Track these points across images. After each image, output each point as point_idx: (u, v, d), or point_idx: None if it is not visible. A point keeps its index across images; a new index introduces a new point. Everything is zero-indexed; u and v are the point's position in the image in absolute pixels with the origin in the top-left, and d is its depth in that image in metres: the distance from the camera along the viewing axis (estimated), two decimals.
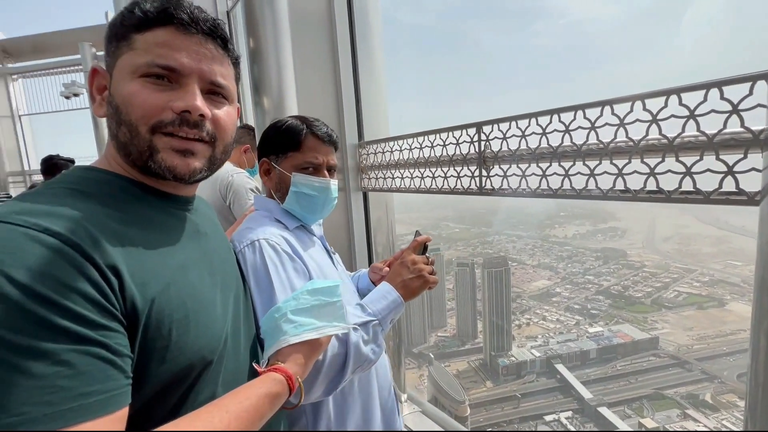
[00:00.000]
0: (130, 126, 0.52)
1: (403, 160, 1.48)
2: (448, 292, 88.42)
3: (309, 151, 0.91)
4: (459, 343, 76.70)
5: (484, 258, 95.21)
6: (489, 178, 1.14)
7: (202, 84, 0.55)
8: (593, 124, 0.87)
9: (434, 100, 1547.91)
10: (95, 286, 0.42)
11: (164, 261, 0.53)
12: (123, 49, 0.53)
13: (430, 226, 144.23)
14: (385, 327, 0.86)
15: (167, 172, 0.54)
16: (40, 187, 0.51)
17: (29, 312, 0.38)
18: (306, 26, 1.68)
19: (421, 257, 0.92)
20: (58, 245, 0.41)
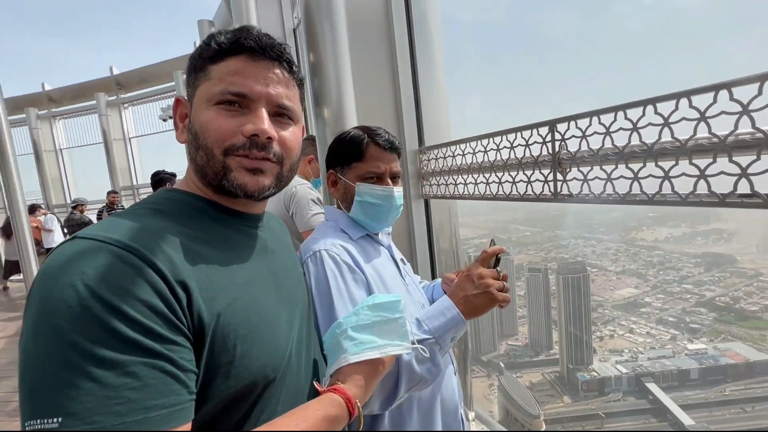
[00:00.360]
0: (206, 150, 0.57)
1: (466, 165, 1.39)
2: (519, 299, 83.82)
3: (371, 161, 0.92)
4: (532, 354, 72.09)
5: (558, 263, 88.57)
6: (566, 182, 1.01)
7: (270, 107, 0.59)
8: (703, 114, 0.71)
9: (503, 102, 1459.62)
10: (165, 301, 0.45)
11: (231, 277, 0.55)
12: (201, 79, 0.58)
13: (498, 230, 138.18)
14: (444, 346, 0.79)
15: (239, 189, 0.58)
16: (128, 208, 0.57)
17: (104, 322, 0.40)
18: (364, 35, 1.68)
19: (490, 271, 0.82)
20: (134, 261, 0.45)
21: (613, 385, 57.89)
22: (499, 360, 68.84)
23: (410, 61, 1.72)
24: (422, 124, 1.74)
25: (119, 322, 0.41)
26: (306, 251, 0.86)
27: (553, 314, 74.97)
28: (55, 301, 0.41)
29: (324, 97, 1.56)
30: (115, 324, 0.41)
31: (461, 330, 0.80)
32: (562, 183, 1.02)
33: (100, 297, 0.41)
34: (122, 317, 0.41)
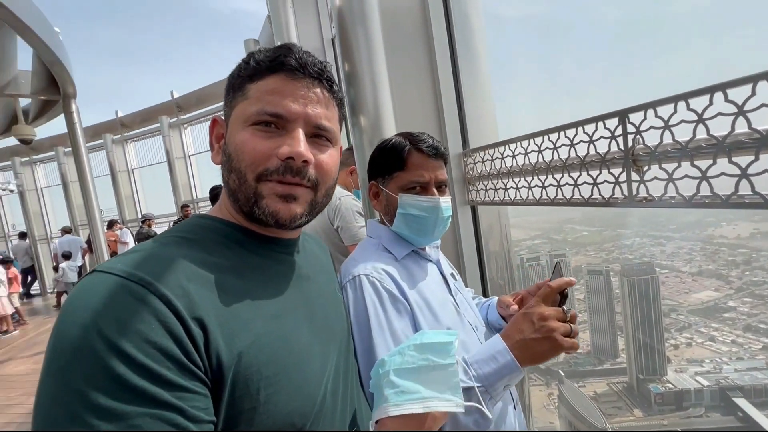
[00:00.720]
0: (239, 173, 0.54)
1: (517, 167, 1.25)
2: (579, 303, 78.65)
3: (414, 169, 0.84)
4: (595, 362, 67.07)
5: (622, 265, 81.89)
6: (644, 183, 0.84)
7: (308, 128, 0.56)
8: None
9: (556, 98, 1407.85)
10: (178, 342, 0.41)
11: (258, 309, 0.51)
12: (238, 99, 0.56)
13: (552, 230, 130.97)
14: (496, 395, 0.67)
15: (270, 217, 0.55)
16: (156, 237, 0.54)
17: (109, 368, 0.38)
18: (400, 37, 1.60)
19: (554, 310, 0.67)
20: (147, 297, 0.42)
21: (693, 398, 51.98)
22: (558, 368, 64.83)
23: (450, 60, 1.61)
24: (466, 125, 1.62)
25: (126, 367, 0.38)
26: (346, 274, 0.79)
27: (617, 320, 69.22)
28: (64, 341, 0.39)
29: (360, 104, 1.50)
30: (121, 370, 0.38)
31: (516, 378, 0.68)
32: (638, 184, 0.85)
33: (108, 339, 0.38)
34: (129, 362, 0.38)
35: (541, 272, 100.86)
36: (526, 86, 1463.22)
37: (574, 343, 0.66)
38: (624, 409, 55.96)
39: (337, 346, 0.63)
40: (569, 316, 0.68)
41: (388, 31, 1.53)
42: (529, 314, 0.69)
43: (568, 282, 0.70)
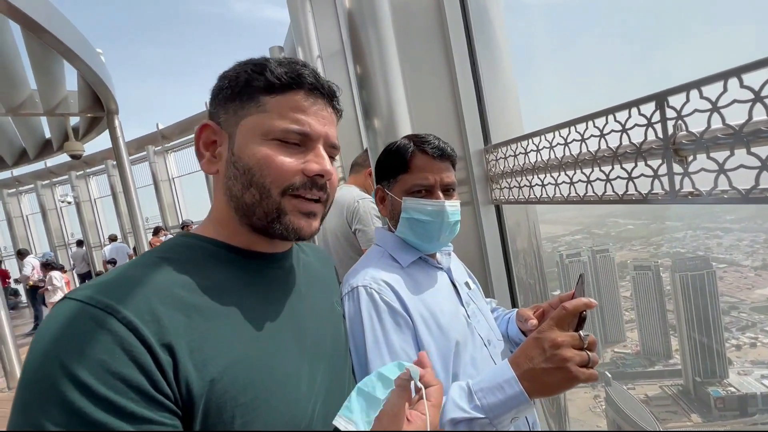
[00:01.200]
0: (262, 188, 0.52)
1: (542, 163, 1.14)
2: (625, 300, 74.42)
3: (418, 171, 0.80)
4: (645, 363, 63.12)
5: (673, 259, 76.59)
6: (688, 175, 0.73)
7: (325, 147, 0.57)
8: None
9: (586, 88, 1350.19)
10: (144, 372, 0.39)
11: (238, 331, 0.49)
12: (251, 109, 0.54)
13: (594, 225, 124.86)
14: (502, 427, 0.60)
15: (293, 233, 0.55)
16: (135, 258, 0.52)
17: (68, 402, 0.36)
18: (413, 33, 1.53)
19: (569, 336, 0.59)
20: (111, 323, 0.40)
21: (760, 403, 47.60)
22: (604, 369, 61.56)
23: (468, 51, 1.52)
24: (486, 119, 1.52)
25: (85, 400, 0.36)
26: (345, 286, 0.75)
27: (669, 318, 64.68)
28: (25, 372, 0.38)
29: (373, 106, 1.45)
30: (80, 403, 0.36)
31: (525, 411, 0.60)
32: (682, 177, 0.74)
33: (67, 370, 0.37)
34: (88, 394, 0.37)
35: (583, 268, 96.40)
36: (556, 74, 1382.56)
37: (592, 374, 0.57)
38: (680, 413, 52.24)
39: (329, 365, 0.59)
40: (587, 342, 0.59)
41: (400, 28, 1.47)
42: (540, 340, 0.60)
43: (587, 304, 0.61)
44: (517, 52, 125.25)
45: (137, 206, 6.05)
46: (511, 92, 1.62)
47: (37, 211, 12.47)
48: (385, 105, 1.44)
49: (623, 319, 72.00)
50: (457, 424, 0.60)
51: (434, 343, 0.71)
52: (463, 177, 1.53)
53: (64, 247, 12.61)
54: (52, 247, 12.26)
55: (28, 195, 12.93)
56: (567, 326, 0.60)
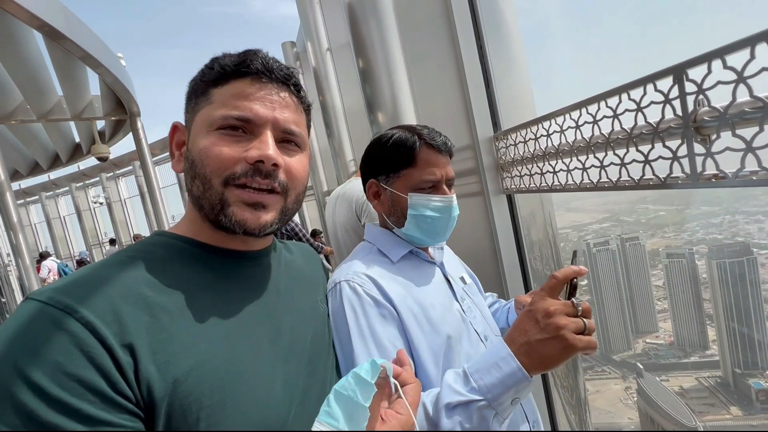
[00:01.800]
0: (203, 179, 0.51)
1: (553, 148, 1.07)
2: (657, 289, 71.66)
3: (426, 166, 0.76)
4: (680, 354, 60.75)
5: (709, 246, 72.89)
6: (711, 156, 0.65)
7: (276, 132, 0.54)
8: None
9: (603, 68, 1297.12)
10: (102, 373, 0.38)
11: (205, 331, 0.47)
12: (202, 104, 0.54)
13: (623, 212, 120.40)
14: (502, 411, 0.56)
15: (237, 226, 0.52)
16: (108, 256, 0.51)
17: (19, 403, 0.35)
18: (416, 21, 1.48)
19: (561, 304, 0.56)
20: (68, 323, 0.39)
21: None
22: (635, 360, 59.63)
23: (475, 35, 1.45)
24: (496, 105, 1.45)
25: (39, 401, 0.35)
26: (330, 282, 0.73)
27: (706, 307, 61.76)
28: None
29: (377, 99, 1.40)
30: (33, 405, 0.35)
31: (525, 390, 0.56)
32: (704, 158, 0.66)
33: (20, 371, 0.36)
34: (43, 396, 0.36)
35: (611, 257, 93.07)
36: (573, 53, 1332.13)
37: (590, 341, 0.54)
38: (718, 406, 50.13)
39: (309, 365, 0.57)
40: (580, 309, 0.56)
41: (403, 15, 1.41)
42: (533, 311, 0.57)
43: (577, 271, 0.58)
44: (527, 30, 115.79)
45: (161, 205, 6.25)
46: (522, 74, 1.54)
47: (72, 212, 13.12)
48: (389, 97, 1.39)
49: (655, 309, 69.39)
50: (454, 408, 0.56)
51: (424, 337, 0.68)
52: (472, 166, 1.47)
53: (98, 245, 13.24)
54: (88, 246, 12.89)
55: (64, 197, 13.61)
56: (557, 295, 0.58)
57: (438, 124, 1.54)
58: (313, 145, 5.00)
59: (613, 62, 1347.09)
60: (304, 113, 0.60)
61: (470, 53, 1.44)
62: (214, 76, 0.53)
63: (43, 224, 13.87)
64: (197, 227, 0.55)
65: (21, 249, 4.94)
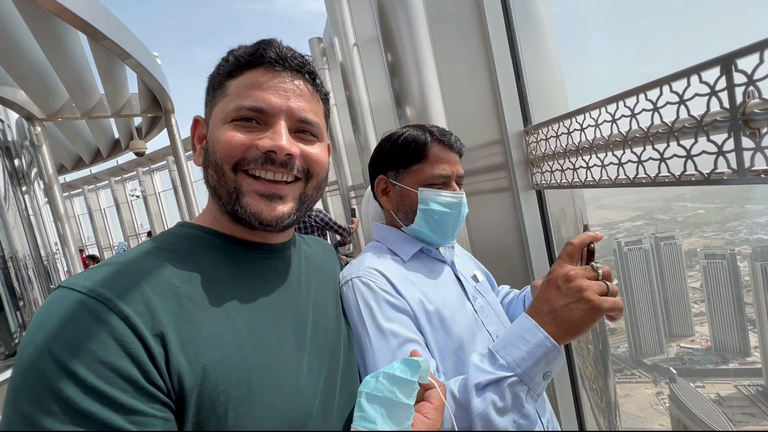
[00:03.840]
0: (216, 167, 0.52)
1: (587, 143, 1.05)
2: (694, 292, 68.10)
3: (437, 162, 0.77)
4: (718, 360, 57.65)
5: (753, 247, 68.49)
6: (761, 150, 0.62)
7: (291, 122, 0.53)
8: None
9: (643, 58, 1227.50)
10: (135, 362, 0.39)
11: (232, 323, 0.48)
12: (218, 97, 0.54)
13: (658, 209, 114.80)
14: (534, 386, 0.54)
15: (252, 218, 0.52)
16: (132, 248, 0.52)
17: (57, 390, 0.36)
18: (445, 14, 1.46)
19: (581, 268, 0.56)
20: (106, 315, 0.39)
21: None
22: (668, 364, 57.07)
23: (505, 26, 1.42)
24: (526, 98, 1.42)
25: (75, 389, 0.36)
26: (342, 279, 0.74)
27: (747, 312, 58.20)
28: (18, 362, 0.38)
29: (405, 94, 1.41)
30: (70, 392, 0.36)
31: (556, 361, 0.55)
32: (753, 152, 0.63)
33: (58, 360, 0.36)
34: (79, 384, 0.36)
35: (644, 257, 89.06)
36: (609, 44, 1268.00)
37: (615, 301, 0.53)
38: (759, 416, 47.33)
39: (332, 357, 0.58)
40: (601, 273, 0.55)
41: (432, 10, 1.40)
42: (552, 279, 0.56)
43: (593, 237, 0.58)
44: (560, 21, 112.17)
45: (194, 199, 6.49)
46: (554, 67, 1.49)
47: (112, 204, 13.83)
48: (417, 91, 1.39)
49: (691, 312, 66.02)
50: (484, 387, 0.55)
51: (436, 336, 0.68)
52: (501, 161, 1.45)
53: (135, 236, 13.91)
54: (126, 237, 13.58)
55: (104, 190, 14.37)
56: (575, 261, 0.58)
57: (467, 118, 1.53)
58: (339, 140, 5.05)
59: (651, 53, 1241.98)
60: (320, 102, 0.58)
61: (501, 45, 1.41)
62: (230, 68, 0.53)
63: (85, 216, 14.71)
64: (218, 219, 0.56)
65: (67, 238, 5.27)
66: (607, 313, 0.53)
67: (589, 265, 0.57)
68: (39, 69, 4.08)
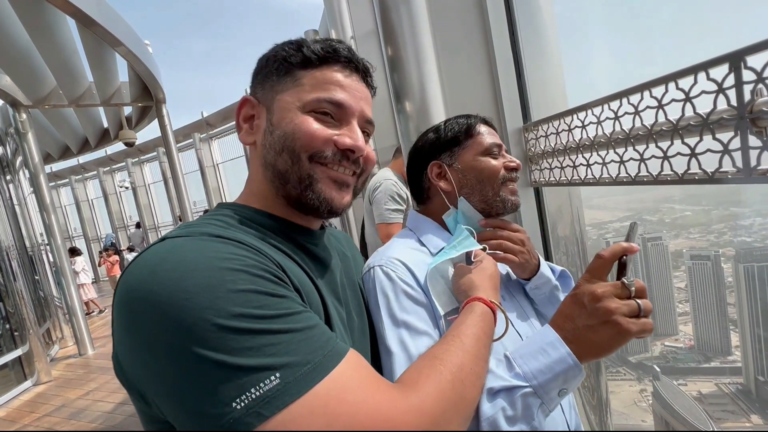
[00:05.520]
0: (292, 153, 0.53)
1: (588, 140, 1.04)
2: (678, 292, 69.56)
3: (488, 135, 0.80)
4: (700, 359, 59.07)
5: (736, 249, 70.06)
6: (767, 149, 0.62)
7: (360, 122, 0.57)
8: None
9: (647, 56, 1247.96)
10: (280, 274, 0.45)
11: (314, 289, 0.53)
12: (287, 84, 0.55)
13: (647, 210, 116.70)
14: (548, 401, 0.52)
15: (324, 203, 0.54)
16: (195, 221, 0.53)
17: (256, 291, 0.40)
18: (446, 8, 1.44)
19: (611, 285, 0.52)
20: (243, 245, 0.44)
21: None
22: (652, 363, 58.32)
23: (507, 22, 1.41)
24: (527, 95, 1.41)
25: (274, 287, 0.42)
26: (365, 267, 0.74)
27: (730, 312, 59.74)
28: (196, 287, 0.37)
29: (405, 89, 1.39)
30: (272, 288, 0.41)
31: (575, 380, 0.52)
32: (760, 152, 0.63)
33: (233, 269, 0.40)
34: (274, 283, 0.42)
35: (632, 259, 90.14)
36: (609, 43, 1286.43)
37: (645, 323, 0.49)
38: (738, 413, 48.68)
39: (362, 337, 0.62)
40: (633, 290, 0.51)
41: (433, 4, 1.38)
42: (578, 295, 0.53)
43: (627, 248, 0.53)
44: (561, 17, 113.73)
45: (185, 191, 6.39)
46: (555, 63, 1.49)
47: (100, 195, 13.58)
48: (417, 86, 1.37)
49: (676, 312, 67.50)
50: (496, 393, 0.53)
51: None
52: None
53: (123, 228, 13.68)
54: (114, 229, 13.35)
55: (92, 181, 14.09)
56: (605, 276, 0.53)
57: (466, 113, 1.51)
58: None
59: (652, 53, 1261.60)
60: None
61: (502, 41, 1.40)
62: (302, 59, 0.54)
63: (72, 206, 14.41)
64: (270, 202, 0.57)
65: (53, 229, 5.15)
66: (635, 335, 0.50)
67: (621, 280, 0.52)
68: (25, 54, 3.96)
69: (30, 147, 5.02)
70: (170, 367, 0.36)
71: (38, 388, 4.26)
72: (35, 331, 4.56)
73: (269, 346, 0.36)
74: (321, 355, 0.39)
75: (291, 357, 0.37)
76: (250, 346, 0.36)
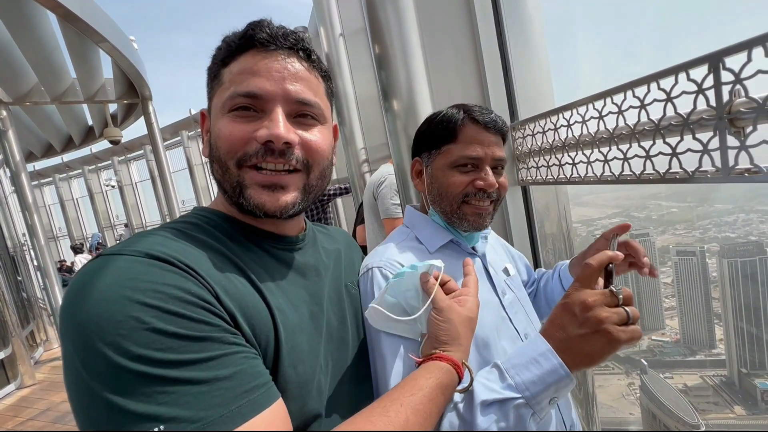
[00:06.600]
0: (220, 162, 0.51)
1: (574, 139, 1.05)
2: (665, 287, 70.94)
3: (468, 142, 0.72)
4: (686, 352, 60.41)
5: (721, 245, 71.71)
6: (745, 149, 0.63)
7: (289, 106, 0.51)
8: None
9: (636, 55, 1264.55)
10: (208, 303, 0.42)
11: (263, 297, 0.49)
12: (216, 87, 0.53)
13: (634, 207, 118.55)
14: (539, 410, 0.52)
15: (257, 209, 0.51)
16: (158, 227, 0.51)
17: (164, 332, 0.37)
18: (434, 6, 1.44)
19: (600, 294, 0.52)
20: (173, 269, 0.42)
21: None
22: (640, 357, 59.49)
23: (494, 20, 1.41)
24: (514, 94, 1.41)
25: (188, 324, 0.39)
26: (362, 267, 0.72)
27: (714, 307, 61.16)
28: (102, 320, 0.36)
29: (392, 87, 1.38)
30: (184, 326, 0.38)
31: (565, 388, 0.53)
32: (738, 151, 0.64)
33: (155, 307, 0.38)
34: (182, 319, 0.39)
35: None
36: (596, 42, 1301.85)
37: (635, 331, 0.50)
38: (722, 405, 49.98)
39: (338, 348, 0.58)
40: (621, 297, 0.51)
41: (421, 2, 1.38)
42: (568, 304, 0.53)
43: (612, 257, 0.54)
44: (549, 16, 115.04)
45: (172, 190, 6.30)
46: (542, 63, 1.49)
47: (85, 194, 13.31)
48: (405, 84, 1.37)
49: (663, 307, 68.86)
50: (489, 406, 0.53)
51: None
52: None
53: (110, 228, 13.45)
54: (100, 228, 13.11)
55: (77, 179, 13.81)
56: (594, 284, 0.54)
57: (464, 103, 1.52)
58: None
59: (637, 54, 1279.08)
60: (320, 80, 0.56)
61: (489, 40, 1.40)
62: (223, 56, 0.52)
63: (56, 206, 14.11)
64: (229, 210, 0.56)
65: (36, 229, 5.04)
66: (625, 343, 0.50)
67: (609, 289, 0.52)
68: (3, 50, 3.86)
69: (11, 145, 4.89)
70: (71, 392, 0.37)
71: (22, 391, 4.17)
72: (18, 334, 4.46)
73: (162, 394, 0.34)
74: (219, 413, 0.36)
75: (181, 410, 0.34)
76: (143, 391, 0.34)
